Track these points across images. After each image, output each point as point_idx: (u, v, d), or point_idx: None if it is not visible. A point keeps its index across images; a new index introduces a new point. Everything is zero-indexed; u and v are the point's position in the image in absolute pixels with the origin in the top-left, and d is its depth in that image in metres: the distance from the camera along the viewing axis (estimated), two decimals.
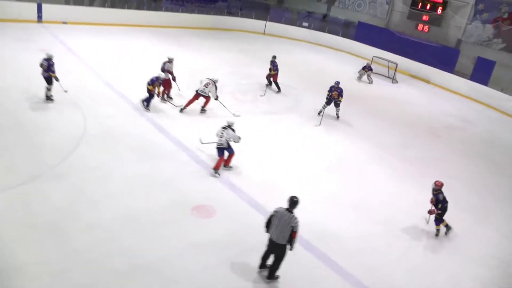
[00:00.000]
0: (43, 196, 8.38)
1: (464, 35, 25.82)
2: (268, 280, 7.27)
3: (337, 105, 15.39)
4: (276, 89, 17.40)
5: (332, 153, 12.78)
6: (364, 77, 21.93)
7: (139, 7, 24.99)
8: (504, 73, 22.76)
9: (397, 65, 23.36)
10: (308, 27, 29.82)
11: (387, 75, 23.59)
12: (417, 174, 12.43)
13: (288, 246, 6.96)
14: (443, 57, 24.54)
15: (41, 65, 11.95)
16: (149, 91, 12.80)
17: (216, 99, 13.61)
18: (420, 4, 27.22)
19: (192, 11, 27.22)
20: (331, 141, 13.58)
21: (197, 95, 13.35)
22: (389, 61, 23.62)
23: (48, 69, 11.97)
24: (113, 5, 23.94)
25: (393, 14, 29.35)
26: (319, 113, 15.31)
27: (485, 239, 9.91)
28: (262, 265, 7.40)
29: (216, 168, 10.16)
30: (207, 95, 13.37)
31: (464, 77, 23.83)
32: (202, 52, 21.11)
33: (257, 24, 29.16)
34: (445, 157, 14.30)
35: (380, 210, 10.14)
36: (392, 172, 12.26)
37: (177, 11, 26.49)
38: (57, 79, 12.15)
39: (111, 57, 17.73)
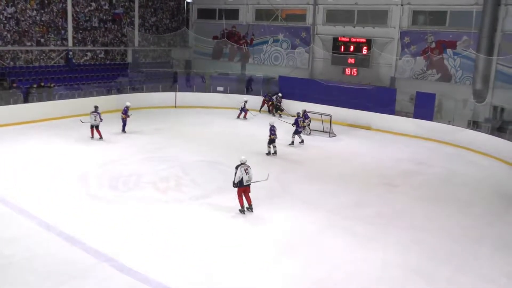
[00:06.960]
0: None
1: (397, 71, 27.97)
2: None
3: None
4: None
5: (280, 230, 12.97)
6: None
7: (27, 100, 24.97)
8: (446, 104, 24.77)
9: (331, 116, 24.62)
10: (224, 91, 30.93)
11: (322, 130, 24.70)
12: (379, 233, 12.94)
13: None
14: (380, 99, 26.35)
15: None
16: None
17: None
18: (342, 47, 29.28)
19: (90, 94, 27.54)
20: (276, 218, 13.77)
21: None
22: (321, 114, 24.84)
23: None
24: None
25: (316, 62, 31.36)
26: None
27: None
28: None
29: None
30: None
31: (407, 116, 25.62)
32: (108, 141, 21.15)
33: (167, 97, 30.13)
34: (407, 208, 15.04)
35: (346, 284, 10.37)
36: (351, 237, 12.63)
37: (72, 96, 26.72)
38: None
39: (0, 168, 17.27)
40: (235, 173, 13.59)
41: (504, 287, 10.50)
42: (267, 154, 20.06)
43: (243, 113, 28.12)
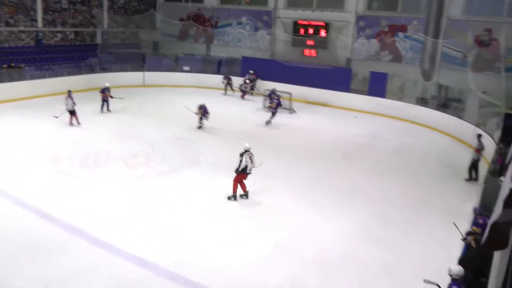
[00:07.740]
0: None
1: (353, 53, 28.46)
2: None
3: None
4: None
5: (248, 205, 12.97)
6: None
7: None
8: (397, 83, 25.37)
9: (291, 94, 25.01)
10: (190, 71, 30.76)
11: (283, 107, 24.76)
12: (340, 204, 13.30)
13: None
14: (336, 78, 27.07)
15: None
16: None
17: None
18: (302, 30, 29.39)
19: (61, 74, 26.99)
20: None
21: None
22: (282, 92, 25.05)
23: None
24: None
25: (277, 44, 31.44)
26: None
27: (422, 249, 10.96)
28: None
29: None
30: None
31: (361, 94, 26.17)
32: (79, 120, 20.66)
33: (135, 76, 29.97)
34: (364, 179, 15.62)
35: (343, 265, 10.27)
36: (316, 209, 12.82)
37: (44, 77, 26.18)
38: None
39: None
40: (240, 160, 12.86)
41: (447, 246, 10.77)
42: (198, 128, 20.44)
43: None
